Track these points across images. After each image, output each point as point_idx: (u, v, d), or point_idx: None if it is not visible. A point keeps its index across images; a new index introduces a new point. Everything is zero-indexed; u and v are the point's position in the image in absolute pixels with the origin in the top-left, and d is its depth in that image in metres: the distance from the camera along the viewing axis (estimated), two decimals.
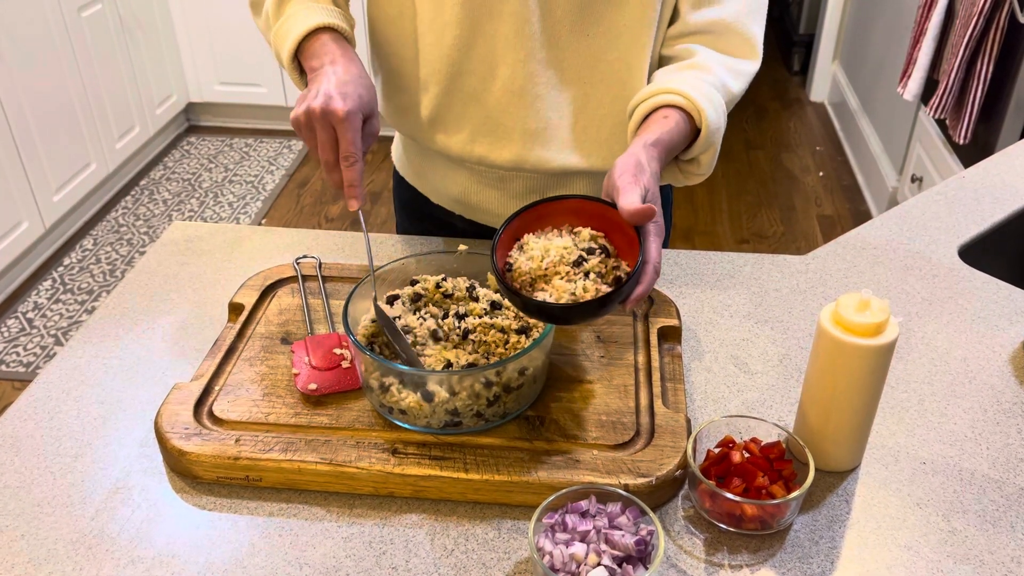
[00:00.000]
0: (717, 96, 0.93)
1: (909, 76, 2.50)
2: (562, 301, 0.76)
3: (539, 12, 0.97)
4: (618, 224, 0.80)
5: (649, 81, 1.00)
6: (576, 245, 0.80)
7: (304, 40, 0.94)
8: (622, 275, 0.79)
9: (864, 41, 3.57)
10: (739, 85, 0.99)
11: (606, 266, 0.79)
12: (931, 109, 2.28)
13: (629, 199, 0.77)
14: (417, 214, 1.24)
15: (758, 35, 1.01)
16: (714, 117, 0.92)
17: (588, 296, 0.76)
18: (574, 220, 0.84)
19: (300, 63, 0.96)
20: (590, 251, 0.80)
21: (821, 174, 3.52)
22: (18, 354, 2.49)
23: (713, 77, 0.95)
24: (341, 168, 0.87)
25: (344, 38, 0.95)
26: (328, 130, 0.86)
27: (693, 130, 0.92)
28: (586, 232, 0.82)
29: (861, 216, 3.20)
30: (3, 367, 2.45)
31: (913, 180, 2.76)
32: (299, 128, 0.87)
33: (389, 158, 1.29)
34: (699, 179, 0.99)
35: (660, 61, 1.03)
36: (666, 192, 1.24)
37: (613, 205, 0.79)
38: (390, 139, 3.52)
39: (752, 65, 1.01)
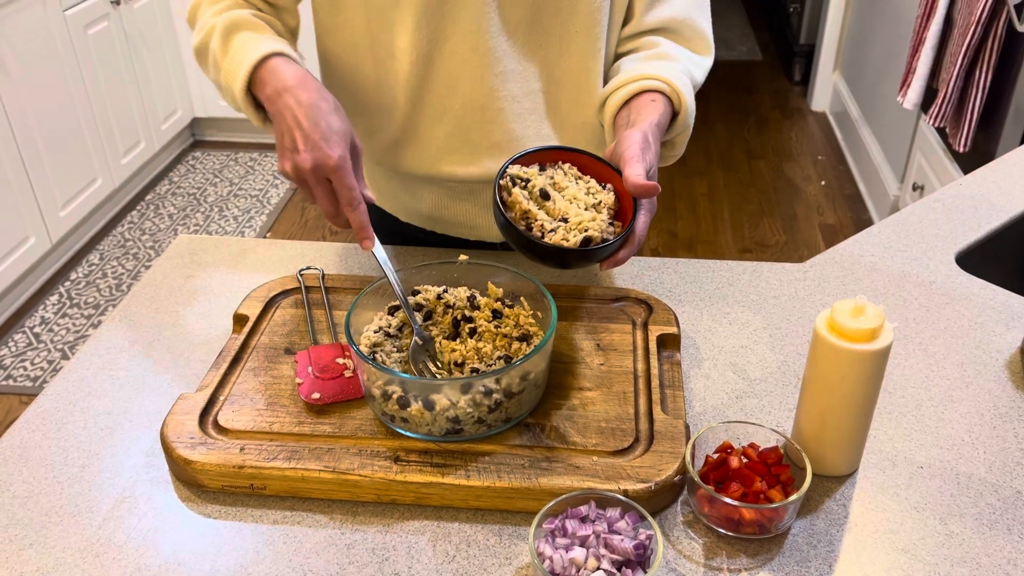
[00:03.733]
0: (688, 82, 0.99)
1: (908, 85, 2.51)
2: (571, 236, 0.83)
3: (492, 29, 0.98)
4: (617, 190, 0.88)
5: (611, 76, 1.03)
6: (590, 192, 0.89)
7: (255, 70, 0.91)
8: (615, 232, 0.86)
9: (864, 51, 3.59)
10: (700, 75, 1.04)
11: (612, 211, 0.88)
12: (931, 118, 2.29)
13: (636, 171, 0.83)
14: (386, 233, 1.22)
15: (708, 30, 1.06)
16: (690, 101, 0.97)
17: (596, 233, 0.83)
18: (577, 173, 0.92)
19: (254, 98, 0.94)
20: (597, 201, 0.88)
21: (823, 183, 3.53)
22: (25, 368, 2.51)
23: (681, 66, 1.00)
24: (346, 214, 0.87)
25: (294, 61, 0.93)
26: (324, 183, 0.86)
27: (671, 114, 0.98)
28: (594, 184, 0.90)
29: (863, 225, 3.21)
30: (10, 381, 2.46)
31: (915, 188, 2.76)
32: (290, 180, 0.88)
33: None
34: (672, 160, 1.04)
35: (617, 58, 1.06)
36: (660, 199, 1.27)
37: (617, 171, 0.86)
38: None
39: (708, 60, 1.06)
